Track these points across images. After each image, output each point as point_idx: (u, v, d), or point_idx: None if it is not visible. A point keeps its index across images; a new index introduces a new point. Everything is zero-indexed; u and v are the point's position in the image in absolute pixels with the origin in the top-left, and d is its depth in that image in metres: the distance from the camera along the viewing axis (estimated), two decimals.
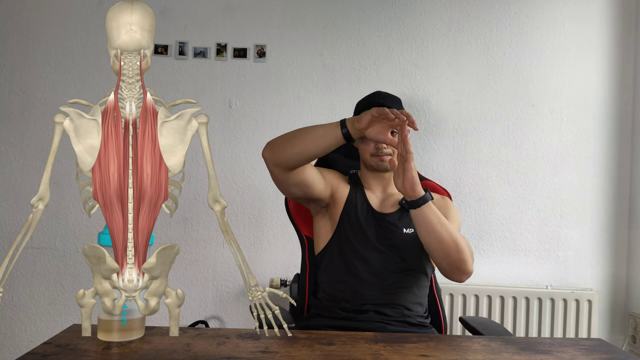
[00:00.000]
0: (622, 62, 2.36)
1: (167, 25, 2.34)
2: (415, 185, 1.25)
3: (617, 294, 2.35)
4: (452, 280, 1.36)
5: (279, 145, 1.30)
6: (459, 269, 1.31)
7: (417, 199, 1.26)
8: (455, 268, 1.31)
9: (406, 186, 1.25)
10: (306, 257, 1.57)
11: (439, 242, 1.28)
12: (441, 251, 1.29)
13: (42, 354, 0.93)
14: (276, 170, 1.33)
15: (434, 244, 1.29)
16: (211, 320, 2.34)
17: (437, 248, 1.29)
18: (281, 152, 1.30)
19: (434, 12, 2.37)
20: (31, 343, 2.26)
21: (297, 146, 1.27)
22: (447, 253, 1.29)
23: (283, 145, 1.30)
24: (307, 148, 1.27)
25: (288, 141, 1.29)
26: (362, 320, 1.35)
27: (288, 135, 1.30)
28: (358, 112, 1.50)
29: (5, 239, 2.34)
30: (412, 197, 1.26)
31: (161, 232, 2.30)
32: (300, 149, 1.27)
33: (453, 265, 1.30)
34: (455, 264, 1.30)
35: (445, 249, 1.28)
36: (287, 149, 1.29)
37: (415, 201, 1.26)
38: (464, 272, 1.32)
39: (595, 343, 1.16)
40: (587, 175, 2.36)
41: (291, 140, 1.29)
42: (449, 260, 1.30)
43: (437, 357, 1.00)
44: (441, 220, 1.29)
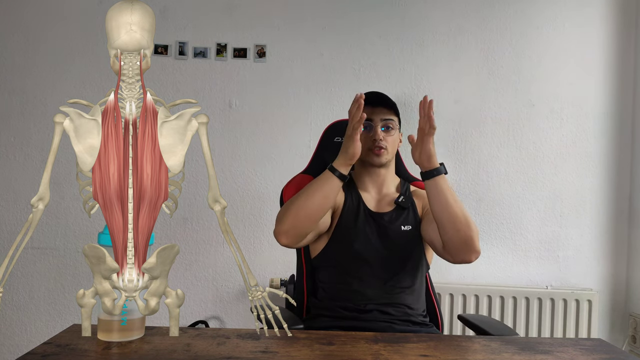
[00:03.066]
0: (622, 62, 2.36)
1: (167, 25, 2.34)
2: (432, 157, 1.29)
3: (617, 294, 2.35)
4: (461, 261, 1.34)
5: (291, 228, 1.31)
6: (468, 246, 1.29)
7: (432, 169, 1.29)
8: (465, 244, 1.29)
9: (422, 157, 1.30)
10: (302, 258, 1.57)
11: (450, 215, 1.28)
12: (452, 226, 1.29)
13: (42, 354, 0.93)
14: (299, 245, 1.39)
15: (445, 217, 1.29)
16: (211, 320, 2.34)
17: (449, 221, 1.29)
18: (297, 231, 1.32)
19: (434, 12, 2.37)
20: (31, 343, 2.26)
21: (307, 216, 1.31)
22: (457, 227, 1.28)
23: (294, 224, 1.31)
24: (315, 212, 1.31)
25: (297, 218, 1.30)
26: (367, 320, 1.35)
27: (291, 214, 1.31)
28: None
29: (5, 239, 2.34)
30: (427, 168, 1.30)
31: (161, 232, 2.30)
32: (311, 217, 1.31)
33: (463, 241, 1.29)
34: (465, 240, 1.29)
35: (456, 224, 1.28)
36: (300, 224, 1.31)
37: (430, 171, 1.29)
38: (473, 250, 1.30)
39: (595, 343, 1.16)
40: (587, 175, 2.36)
41: (298, 215, 1.30)
42: (459, 235, 1.29)
43: (437, 357, 1.00)
44: (454, 195, 1.31)
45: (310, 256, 1.51)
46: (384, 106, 1.46)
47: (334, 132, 1.67)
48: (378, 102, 1.46)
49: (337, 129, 1.67)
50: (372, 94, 1.47)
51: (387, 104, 1.46)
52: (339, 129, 1.67)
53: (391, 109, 1.46)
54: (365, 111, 1.45)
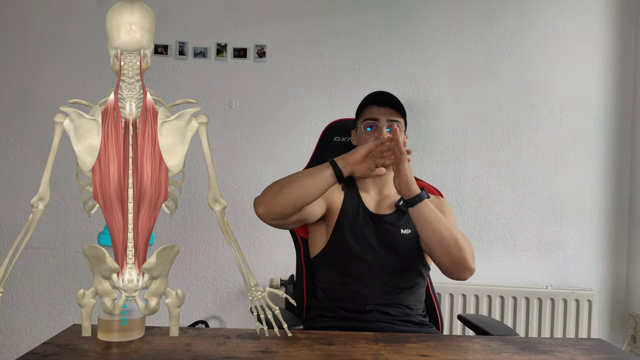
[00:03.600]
0: (622, 62, 2.36)
1: (167, 25, 2.34)
2: (410, 184, 1.28)
3: (617, 294, 2.35)
4: (455, 279, 1.36)
5: (270, 200, 1.28)
6: (460, 266, 1.31)
7: (413, 196, 1.28)
8: (456, 265, 1.31)
9: (401, 185, 1.28)
10: (301, 258, 1.57)
11: (437, 238, 1.29)
12: (440, 248, 1.30)
13: (42, 354, 0.93)
14: (274, 222, 1.34)
15: (433, 241, 1.30)
16: (211, 320, 2.34)
17: (437, 245, 1.30)
18: (274, 207, 1.28)
19: (434, 12, 2.37)
20: (31, 343, 2.26)
21: (288, 198, 1.27)
22: (446, 250, 1.30)
23: (274, 199, 1.28)
24: (299, 198, 1.27)
25: (278, 194, 1.28)
26: (367, 320, 1.35)
27: (276, 189, 1.29)
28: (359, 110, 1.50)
29: (5, 239, 2.34)
30: (408, 196, 1.28)
31: (161, 232, 2.30)
32: (293, 200, 1.27)
33: (454, 262, 1.31)
34: (456, 261, 1.30)
35: (444, 246, 1.29)
36: (279, 202, 1.28)
37: (412, 199, 1.28)
38: (465, 269, 1.32)
39: (595, 343, 1.16)
40: (587, 175, 2.36)
41: (281, 193, 1.28)
42: (449, 257, 1.30)
43: (437, 357, 1.00)
44: (439, 217, 1.30)
45: (309, 256, 1.51)
46: (391, 107, 1.44)
47: (333, 131, 1.66)
48: (385, 102, 1.44)
49: (336, 129, 1.66)
50: (380, 93, 1.46)
51: (395, 104, 1.44)
52: (338, 128, 1.66)
53: (398, 110, 1.44)
54: (372, 111, 1.45)
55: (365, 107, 1.47)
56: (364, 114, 1.46)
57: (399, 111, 1.44)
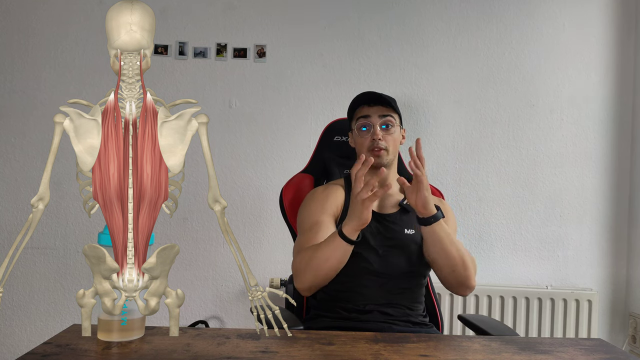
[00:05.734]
0: (622, 62, 2.36)
1: (167, 25, 2.34)
2: (427, 204, 1.30)
3: (617, 294, 2.35)
4: (454, 293, 1.42)
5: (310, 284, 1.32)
6: (463, 284, 1.36)
7: (429, 217, 1.30)
8: (460, 283, 1.36)
9: (418, 204, 1.30)
10: None
11: (447, 258, 1.33)
12: (448, 267, 1.34)
13: (42, 354, 0.93)
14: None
15: (441, 260, 1.34)
16: (211, 320, 2.34)
17: (445, 264, 1.34)
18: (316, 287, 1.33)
19: (434, 12, 2.37)
20: (31, 343, 2.26)
21: (322, 276, 1.30)
22: (453, 269, 1.34)
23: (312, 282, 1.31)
24: (331, 272, 1.30)
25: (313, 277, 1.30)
26: (367, 321, 1.35)
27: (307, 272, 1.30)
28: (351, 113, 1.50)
29: (5, 239, 2.34)
30: (424, 215, 1.31)
31: (161, 232, 2.30)
32: (327, 275, 1.30)
33: (458, 281, 1.36)
34: (460, 279, 1.35)
35: (452, 265, 1.33)
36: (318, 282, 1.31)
37: (427, 219, 1.31)
38: (467, 287, 1.37)
39: (595, 343, 1.15)
40: (587, 175, 2.36)
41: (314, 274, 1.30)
42: (454, 275, 1.34)
43: (437, 357, 1.00)
44: (450, 237, 1.33)
45: None
46: (381, 104, 1.43)
47: (333, 131, 1.66)
48: (374, 101, 1.43)
49: (336, 128, 1.67)
50: (366, 93, 1.45)
51: (384, 101, 1.43)
52: (338, 127, 1.66)
53: (389, 106, 1.43)
54: (362, 110, 1.45)
55: (356, 109, 1.47)
56: (356, 115, 1.46)
57: (391, 106, 1.44)
